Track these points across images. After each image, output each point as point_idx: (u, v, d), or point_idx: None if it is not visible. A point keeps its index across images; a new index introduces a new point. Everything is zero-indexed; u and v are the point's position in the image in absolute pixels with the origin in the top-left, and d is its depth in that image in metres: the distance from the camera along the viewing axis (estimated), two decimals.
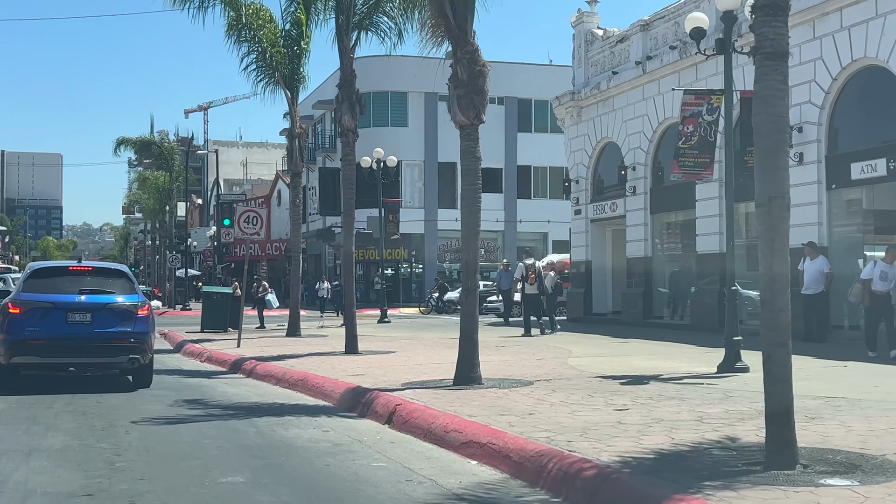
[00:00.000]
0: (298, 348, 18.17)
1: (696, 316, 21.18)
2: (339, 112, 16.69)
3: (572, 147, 27.37)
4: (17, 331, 11.67)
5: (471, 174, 11.50)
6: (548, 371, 12.75)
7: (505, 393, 10.30)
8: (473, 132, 11.55)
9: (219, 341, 20.67)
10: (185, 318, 37.70)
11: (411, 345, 18.58)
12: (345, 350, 16.60)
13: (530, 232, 51.90)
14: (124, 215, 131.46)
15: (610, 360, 14.40)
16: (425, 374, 12.74)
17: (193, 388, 12.86)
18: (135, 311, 12.16)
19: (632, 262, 24.19)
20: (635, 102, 24.01)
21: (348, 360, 15.16)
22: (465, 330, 11.37)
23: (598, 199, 26.37)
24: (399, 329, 25.23)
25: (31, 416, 9.82)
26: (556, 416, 8.56)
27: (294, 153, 21.77)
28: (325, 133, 56.32)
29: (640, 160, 23.84)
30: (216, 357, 17.11)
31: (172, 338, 22.59)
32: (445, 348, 17.40)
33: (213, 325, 23.56)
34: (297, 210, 21.85)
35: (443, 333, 22.74)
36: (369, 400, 10.24)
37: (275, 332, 23.52)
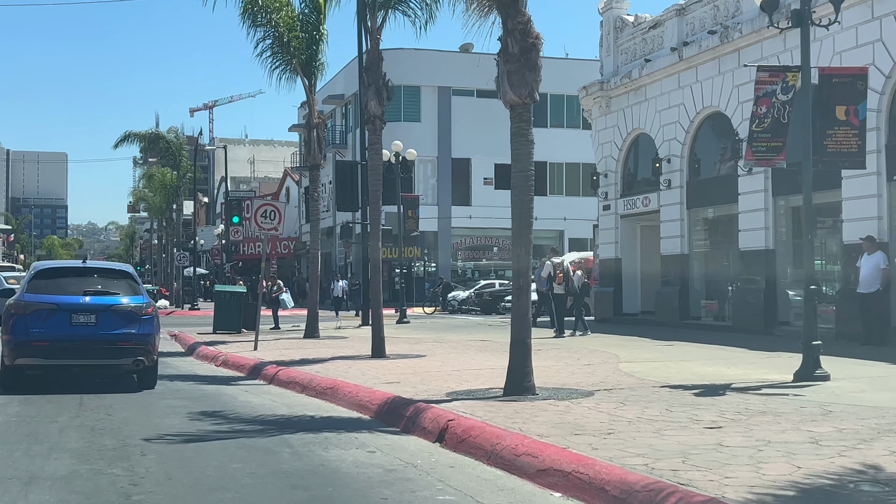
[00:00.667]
0: (320, 351, 16.99)
1: (739, 316, 19.95)
2: (364, 98, 15.50)
3: (600, 139, 26.15)
4: (21, 332, 11.50)
5: (523, 159, 10.32)
6: (602, 379, 11.55)
7: (567, 406, 9.10)
8: (525, 112, 10.37)
9: (233, 343, 19.51)
10: (194, 318, 36.58)
11: (440, 348, 17.39)
12: (371, 354, 15.42)
13: (546, 230, 50.54)
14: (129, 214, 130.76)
15: (665, 365, 13.19)
16: (467, 381, 11.55)
17: (212, 396, 11.68)
18: (140, 312, 11.97)
19: (666, 260, 22.97)
20: (670, 91, 22.78)
21: (377, 365, 13.98)
22: (517, 334, 10.17)
23: (628, 194, 25.15)
24: (420, 330, 24.04)
25: (32, 433, 8.64)
26: (641, 436, 7.36)
27: (312, 144, 20.59)
28: (336, 128, 55.12)
29: (676, 152, 22.60)
30: (233, 361, 15.94)
31: (184, 339, 21.43)
32: (479, 351, 16.23)
33: (226, 325, 22.40)
34: (316, 205, 20.66)
35: (469, 335, 21.56)
36: (414, 413, 9.05)
37: (291, 334, 22.34)
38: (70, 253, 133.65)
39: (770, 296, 19.17)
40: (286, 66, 20.38)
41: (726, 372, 12.21)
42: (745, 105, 20.02)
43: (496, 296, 41.36)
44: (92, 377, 12.84)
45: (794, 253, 19.17)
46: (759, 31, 19.28)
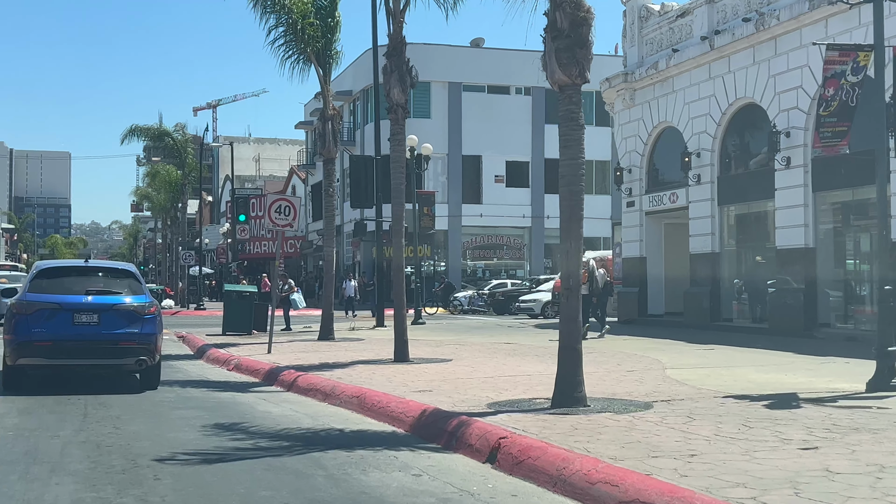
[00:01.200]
0: (338, 355, 16.04)
1: (777, 318, 18.96)
2: (387, 85, 14.54)
3: (623, 133, 25.16)
4: (23, 332, 11.42)
5: (572, 145, 9.36)
6: (654, 388, 10.58)
7: (630, 421, 8.13)
8: (576, 94, 9.40)
9: (245, 346, 18.56)
10: (200, 319, 35.64)
11: (465, 351, 16.43)
12: (394, 357, 14.46)
13: (558, 228, 49.54)
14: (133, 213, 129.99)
15: (716, 372, 12.22)
16: (505, 390, 10.59)
17: (227, 405, 10.73)
18: (142, 311, 11.88)
19: (696, 259, 21.98)
20: (700, 82, 21.79)
21: (402, 371, 13.02)
22: (566, 339, 9.20)
23: (654, 190, 24.16)
24: (438, 331, 23.07)
25: (31, 450, 7.69)
26: (730, 458, 6.39)
27: (327, 137, 19.64)
28: (343, 125, 54.09)
29: (707, 146, 21.62)
30: (246, 365, 14.98)
31: (192, 341, 20.48)
32: (508, 356, 15.26)
33: (236, 327, 21.45)
34: (331, 200, 19.71)
35: (490, 337, 20.60)
36: (457, 428, 8.08)
37: (304, 336, 21.39)
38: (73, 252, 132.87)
39: (810, 297, 18.20)
40: (299, 56, 19.44)
41: (787, 380, 11.23)
42: (783, 96, 19.07)
43: (509, 296, 40.35)
44: (94, 377, 12.54)
45: (837, 251, 18.19)
46: (798, 18, 18.32)
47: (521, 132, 48.56)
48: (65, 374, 12.54)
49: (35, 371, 11.93)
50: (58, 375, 12.51)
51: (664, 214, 23.96)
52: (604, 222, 49.69)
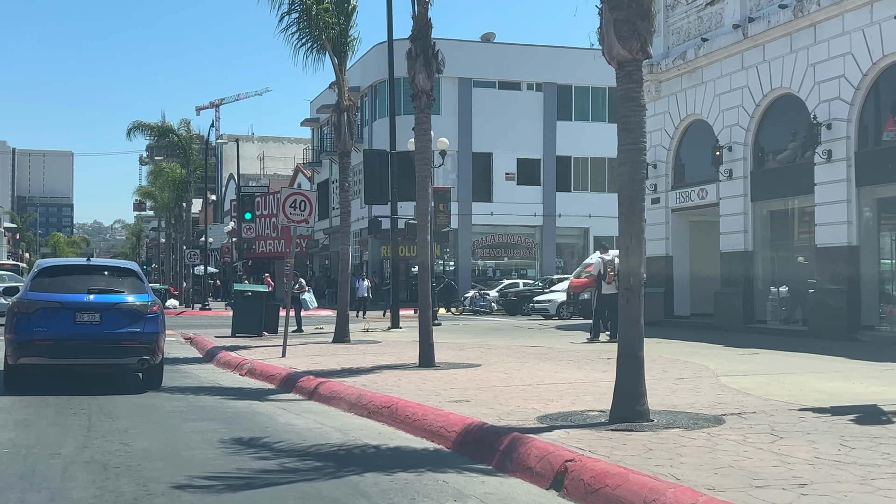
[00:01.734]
0: (357, 359, 15.08)
1: (817, 320, 17.97)
2: (411, 70, 13.57)
3: (648, 127, 24.01)
4: (24, 331, 11.32)
5: (634, 128, 8.40)
6: (715, 399, 9.61)
7: (708, 439, 7.16)
8: (636, 71, 8.44)
9: (256, 349, 17.61)
10: (206, 319, 34.73)
11: (492, 355, 15.46)
12: (418, 362, 13.51)
13: (570, 227, 48.73)
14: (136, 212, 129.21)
15: (775, 380, 11.25)
16: (551, 400, 9.63)
17: (245, 416, 9.77)
18: (145, 310, 11.77)
19: (727, 258, 20.99)
20: (732, 73, 20.81)
21: (431, 377, 12.06)
22: (627, 346, 8.24)
23: (681, 186, 23.18)
24: (456, 333, 22.11)
25: (28, 473, 6.75)
26: (849, 489, 5.43)
27: (343, 129, 18.67)
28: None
29: (739, 139, 20.63)
30: (261, 370, 14.03)
31: (200, 343, 19.53)
32: (540, 360, 14.29)
33: (246, 328, 20.51)
34: (347, 196, 18.74)
35: (514, 339, 19.65)
36: (510, 447, 7.13)
37: (318, 337, 20.44)
38: (76, 251, 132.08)
39: (853, 297, 17.22)
40: (314, 44, 18.48)
41: (857, 389, 10.25)
42: (823, 86, 18.10)
43: (522, 296, 39.39)
44: (96, 378, 12.37)
45: (882, 249, 17.21)
46: (841, 3, 17.36)
47: (532, 129, 47.61)
48: (66, 375, 12.25)
49: (37, 370, 11.78)
50: (59, 375, 12.24)
51: (691, 212, 22.99)
52: (616, 221, 48.80)
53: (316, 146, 61.69)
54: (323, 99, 58.02)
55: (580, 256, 49.09)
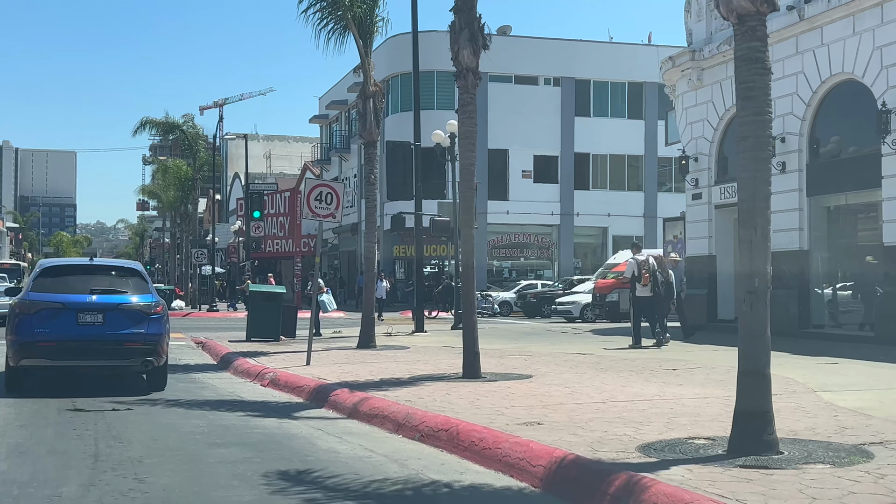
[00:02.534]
0: (390, 367, 13.64)
1: (886, 326, 16.48)
2: (454, 46, 12.13)
3: (689, 118, 22.70)
4: (25, 332, 11.12)
5: (757, 95, 7.01)
6: (835, 421, 8.17)
7: (874, 481, 5.71)
8: (760, 26, 7.02)
9: (276, 355, 16.15)
10: (214, 321, 33.29)
11: (538, 364, 13.99)
12: (462, 373, 12.05)
13: (589, 227, 47.21)
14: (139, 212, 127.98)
15: (889, 396, 9.79)
16: (639, 423, 8.19)
17: (278, 440, 8.32)
18: (148, 311, 11.58)
19: (780, 258, 19.39)
20: (785, 58, 19.32)
21: (483, 391, 10.60)
22: (750, 361, 6.82)
23: (725, 181, 21.69)
24: (486, 338, 20.52)
25: None
26: None
27: (368, 117, 17.23)
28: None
29: (793, 129, 19.15)
30: (285, 381, 12.57)
31: (214, 349, 18.07)
32: (596, 371, 12.81)
33: (261, 332, 19.07)
34: (373, 189, 17.27)
35: (549, 344, 18.18)
36: (625, 491, 5.70)
37: (339, 342, 18.97)
38: (79, 250, 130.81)
39: None
40: (336, 24, 17.06)
41: None
42: (892, 70, 16.62)
43: (541, 297, 37.91)
44: (100, 378, 12.09)
45: None
46: None
47: (549, 125, 46.14)
48: (69, 376, 11.89)
49: (38, 372, 11.55)
50: (61, 377, 11.89)
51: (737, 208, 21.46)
52: (636, 220, 47.35)
53: (324, 143, 60.28)
54: (332, 95, 56.63)
55: (598, 257, 47.63)
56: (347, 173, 55.02)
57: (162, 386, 11.86)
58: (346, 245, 54.90)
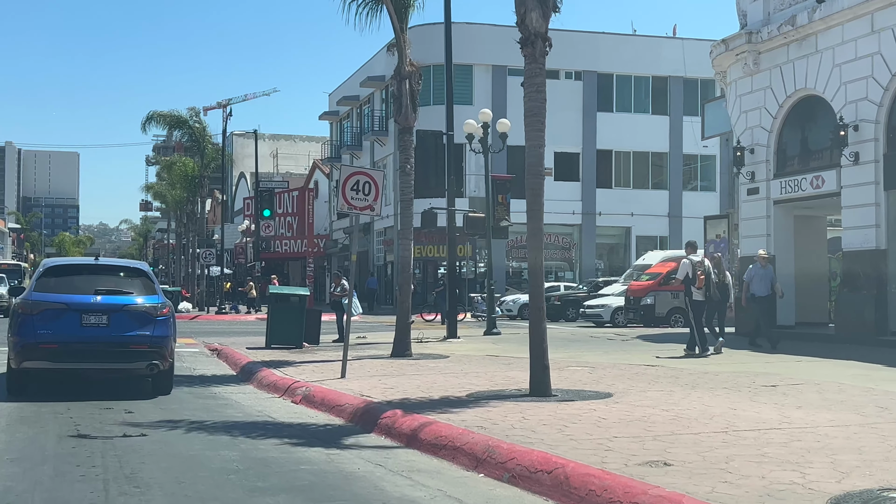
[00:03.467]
0: (437, 381, 11.92)
1: None
2: (521, 8, 10.45)
3: (743, 106, 20.95)
4: (27, 333, 10.87)
5: None
6: None
7: None
8: None
9: (303, 365, 14.43)
10: (224, 325, 31.60)
11: (607, 377, 12.25)
12: (530, 390, 10.32)
13: (611, 226, 45.48)
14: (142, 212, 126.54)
15: None
16: (803, 466, 6.46)
17: (336, 484, 6.60)
18: (154, 313, 11.29)
19: (852, 258, 17.77)
20: (858, 37, 17.61)
21: (565, 415, 8.87)
22: None
23: (786, 174, 19.95)
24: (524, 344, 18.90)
25: None
26: None
27: (404, 99, 15.54)
28: (374, 114, 49.96)
29: (868, 116, 17.41)
30: (321, 397, 10.84)
31: (231, 357, 16.34)
32: (684, 387, 11.07)
33: (283, 338, 17.36)
34: (409, 181, 15.55)
35: (601, 353, 16.42)
36: None
37: (368, 350, 17.23)
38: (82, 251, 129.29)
39: None
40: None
41: None
42: None
43: (566, 300, 36.20)
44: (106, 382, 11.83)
45: None
46: None
47: (571, 120, 44.40)
48: (71, 379, 11.63)
49: (41, 374, 11.25)
50: (65, 379, 11.62)
51: (799, 203, 19.75)
52: (660, 220, 45.59)
53: (335, 140, 58.57)
54: (344, 90, 54.92)
55: (621, 258, 45.93)
56: None
57: (168, 389, 11.55)
58: (358, 245, 53.17)
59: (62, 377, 11.49)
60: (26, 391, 11.05)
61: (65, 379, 11.61)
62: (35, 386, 11.37)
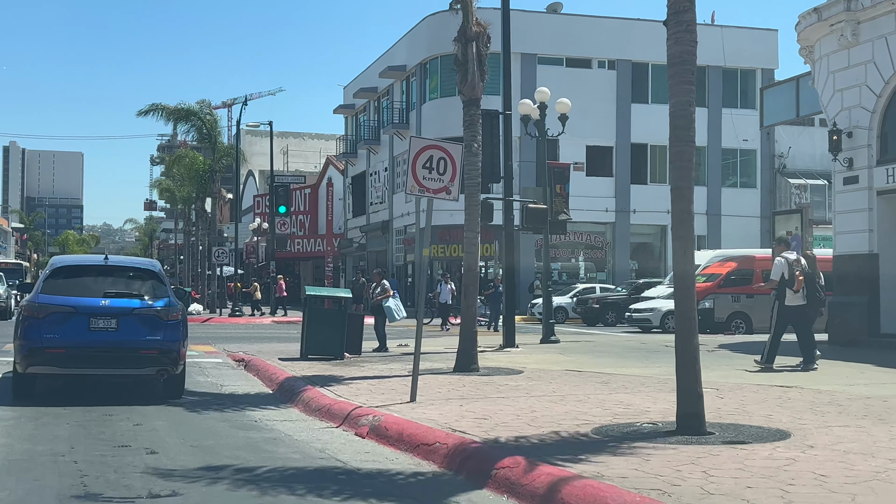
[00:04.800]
0: (537, 408, 9.47)
1: None
2: None
3: (838, 84, 18.45)
4: (34, 337, 10.56)
5: None
6: None
7: None
8: None
9: (354, 383, 11.96)
10: (242, 329, 29.13)
11: (751, 404, 9.77)
12: (677, 425, 7.85)
13: (646, 224, 42.96)
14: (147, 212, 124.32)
15: None
16: None
17: None
18: (165, 316, 10.91)
19: None
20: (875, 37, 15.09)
21: (755, 465, 6.44)
22: None
23: (892, 160, 17.47)
24: (582, 355, 16.43)
25: None
26: None
27: (470, 65, 13.07)
28: (393, 105, 47.45)
29: None
30: (398, 431, 8.36)
31: (264, 370, 13.87)
32: (872, 421, 8.57)
33: (322, 348, 14.90)
34: (476, 162, 13.06)
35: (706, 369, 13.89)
36: None
37: (422, 362, 14.73)
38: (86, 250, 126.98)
39: None
40: None
41: None
42: None
43: (605, 303, 33.76)
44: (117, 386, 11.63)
45: None
46: None
47: (604, 112, 41.93)
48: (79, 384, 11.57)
49: (48, 379, 11.33)
50: (73, 384, 11.63)
51: None
52: (698, 218, 42.80)
53: (350, 135, 56.10)
54: (360, 82, 52.41)
55: (656, 258, 43.47)
56: (377, 167, 50.87)
57: (179, 394, 11.22)
58: (375, 245, 50.72)
59: (68, 380, 11.39)
60: (33, 395, 10.82)
61: (70, 382, 11.39)
62: (43, 388, 11.20)
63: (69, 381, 11.75)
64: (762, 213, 43.92)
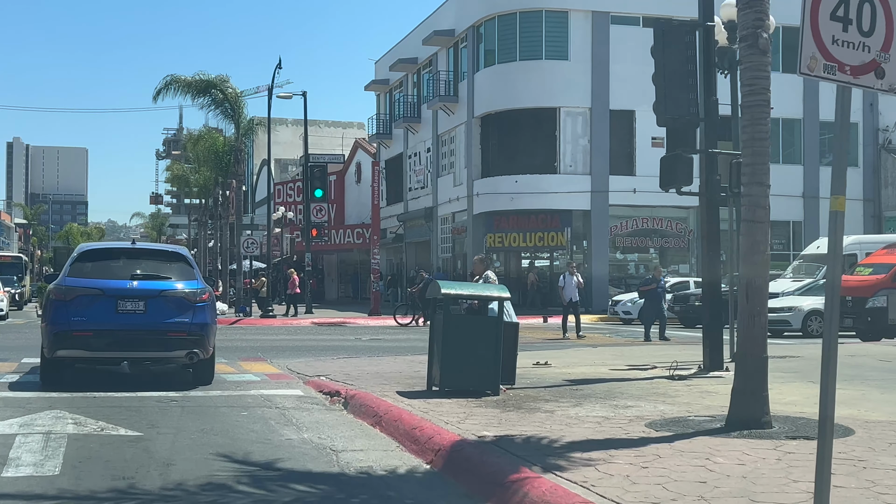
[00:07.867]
0: None
1: None
2: None
3: None
4: (61, 320, 10.59)
5: None
6: None
7: None
8: None
9: (598, 455, 6.45)
10: (284, 334, 23.37)
11: None
12: None
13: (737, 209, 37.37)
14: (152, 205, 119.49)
15: None
16: None
17: None
18: (194, 299, 10.85)
19: None
20: None
21: None
22: None
23: None
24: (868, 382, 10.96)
25: None
26: None
27: None
28: (440, 75, 41.76)
29: None
30: None
31: (390, 419, 8.30)
32: None
33: (465, 376, 9.36)
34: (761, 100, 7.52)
35: None
36: None
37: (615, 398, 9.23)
38: None
39: None
40: None
41: None
42: None
43: (670, 299, 28.15)
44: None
45: None
46: None
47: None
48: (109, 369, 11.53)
49: (76, 362, 11.09)
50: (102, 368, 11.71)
51: None
52: (793, 201, 37.57)
53: (383, 114, 50.50)
54: (397, 53, 46.83)
55: None
56: (417, 147, 45.31)
57: (209, 380, 11.11)
58: (415, 235, 45.23)
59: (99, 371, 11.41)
60: (62, 381, 10.63)
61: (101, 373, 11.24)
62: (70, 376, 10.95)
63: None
64: (864, 196, 38.40)
